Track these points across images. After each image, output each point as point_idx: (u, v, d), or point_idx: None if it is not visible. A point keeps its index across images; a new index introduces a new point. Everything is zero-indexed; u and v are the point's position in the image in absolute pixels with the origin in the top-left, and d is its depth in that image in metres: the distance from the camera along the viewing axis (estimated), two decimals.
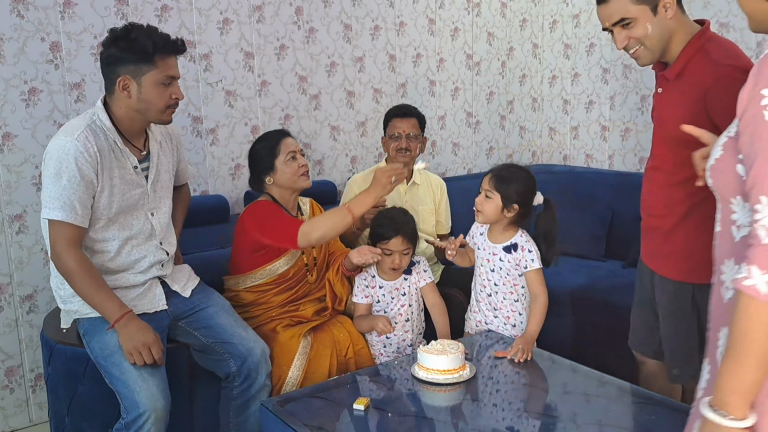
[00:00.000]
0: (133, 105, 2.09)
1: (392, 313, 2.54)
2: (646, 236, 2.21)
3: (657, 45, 1.90)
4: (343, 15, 3.58)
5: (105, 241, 2.14)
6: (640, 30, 1.88)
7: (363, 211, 2.33)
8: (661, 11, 1.86)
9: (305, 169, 2.51)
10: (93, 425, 2.24)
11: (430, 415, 1.98)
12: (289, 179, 2.49)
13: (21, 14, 2.69)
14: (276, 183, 2.51)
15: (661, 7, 1.85)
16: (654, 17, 1.86)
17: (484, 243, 2.48)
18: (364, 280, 2.55)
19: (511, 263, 2.41)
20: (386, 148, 3.04)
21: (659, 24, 1.86)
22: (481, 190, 2.40)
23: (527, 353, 2.23)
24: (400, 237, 2.44)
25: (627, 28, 1.89)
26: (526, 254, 2.39)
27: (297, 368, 2.36)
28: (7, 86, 2.69)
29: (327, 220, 2.34)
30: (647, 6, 1.86)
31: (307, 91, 3.51)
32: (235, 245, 2.56)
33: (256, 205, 2.49)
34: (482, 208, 2.38)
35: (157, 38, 2.06)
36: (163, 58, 2.07)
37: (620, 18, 1.88)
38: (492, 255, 2.45)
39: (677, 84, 1.92)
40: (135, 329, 2.03)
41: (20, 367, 2.86)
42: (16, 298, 2.81)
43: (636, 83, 3.89)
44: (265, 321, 2.49)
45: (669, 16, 1.86)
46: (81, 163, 2.01)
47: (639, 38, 1.89)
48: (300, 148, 2.55)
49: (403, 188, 3.02)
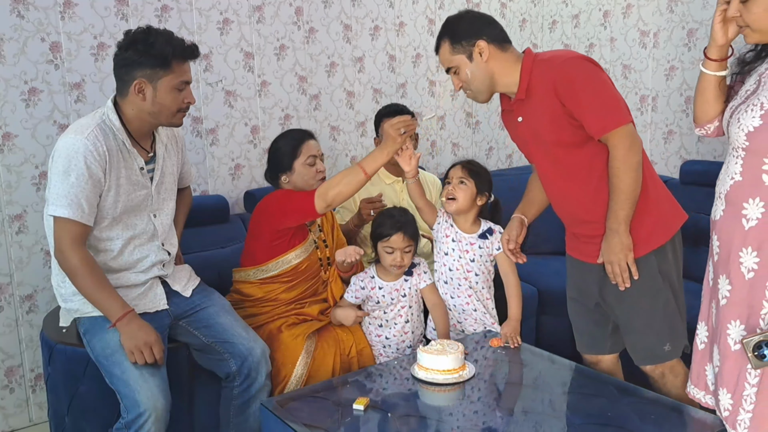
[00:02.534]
0: (147, 108, 2.11)
1: (392, 314, 2.54)
2: (580, 242, 2.20)
3: (481, 85, 2.12)
4: (343, 15, 3.58)
5: (108, 240, 2.15)
6: (463, 75, 2.12)
7: (376, 168, 2.34)
8: (476, 57, 2.08)
9: (322, 174, 2.54)
10: (93, 425, 2.24)
11: (430, 415, 1.99)
12: (305, 183, 2.51)
13: (21, 14, 2.70)
14: (291, 183, 2.53)
15: (476, 54, 2.07)
16: (471, 63, 2.09)
17: (458, 235, 2.53)
18: (361, 281, 2.55)
19: (485, 250, 2.51)
20: None
21: (477, 68, 2.09)
22: (451, 179, 2.47)
23: (516, 338, 2.37)
24: (401, 234, 2.45)
25: (455, 74, 2.15)
26: (498, 236, 2.50)
27: (301, 367, 2.37)
28: (7, 86, 2.70)
29: (341, 179, 2.36)
30: (463, 55, 2.09)
31: (307, 92, 3.51)
32: (251, 235, 2.57)
33: (272, 194, 2.53)
34: (457, 195, 2.45)
35: (175, 44, 2.08)
36: (179, 63, 2.10)
37: (447, 67, 2.15)
38: (470, 245, 2.51)
39: (531, 99, 2.08)
40: (136, 328, 2.04)
41: (20, 367, 2.86)
42: (16, 297, 2.82)
43: (635, 84, 3.89)
44: (271, 319, 2.50)
45: (485, 59, 2.07)
46: (90, 162, 2.02)
47: (465, 81, 2.13)
48: (321, 152, 2.57)
49: (399, 186, 3.03)
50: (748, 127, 1.69)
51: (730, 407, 1.77)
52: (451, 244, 2.53)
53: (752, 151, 1.70)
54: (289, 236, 2.49)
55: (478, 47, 2.07)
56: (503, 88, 2.14)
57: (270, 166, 2.60)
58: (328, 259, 2.64)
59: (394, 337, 2.53)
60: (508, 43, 2.13)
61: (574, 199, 2.13)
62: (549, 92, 2.01)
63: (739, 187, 1.74)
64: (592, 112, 1.96)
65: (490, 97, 2.18)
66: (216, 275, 2.72)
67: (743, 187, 1.73)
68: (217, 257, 2.85)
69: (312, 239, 2.59)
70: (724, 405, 1.79)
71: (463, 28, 2.09)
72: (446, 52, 2.13)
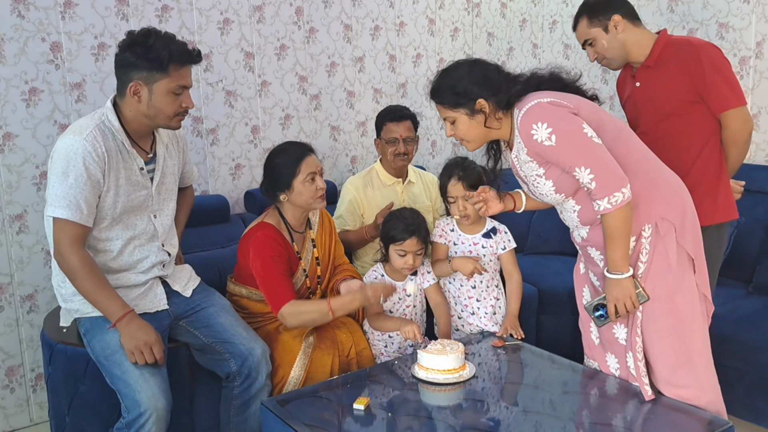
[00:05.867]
0: (143, 110, 2.10)
1: (397, 314, 2.55)
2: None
3: (615, 53, 2.41)
4: (343, 15, 3.59)
5: (108, 240, 2.15)
6: (599, 46, 2.41)
7: (342, 313, 2.35)
8: (611, 29, 2.37)
9: (322, 191, 2.42)
10: (93, 425, 2.24)
11: (431, 415, 1.99)
12: (305, 201, 2.42)
13: (21, 14, 2.70)
14: (290, 201, 2.43)
15: (612, 26, 2.37)
16: (607, 35, 2.38)
17: (460, 238, 2.56)
18: (374, 280, 2.56)
19: (489, 249, 2.54)
20: (381, 151, 3.04)
21: (613, 39, 2.38)
22: (456, 198, 2.50)
23: (519, 331, 2.42)
24: (414, 238, 2.44)
25: (591, 46, 2.43)
26: (503, 235, 2.56)
27: (299, 368, 2.36)
28: (7, 86, 2.70)
29: (308, 314, 2.32)
30: (600, 28, 2.39)
31: (307, 91, 3.51)
32: (240, 260, 2.51)
33: (258, 238, 2.39)
34: (469, 212, 2.48)
35: (174, 48, 2.06)
36: (177, 68, 2.08)
37: (584, 39, 2.43)
38: (473, 245, 2.54)
39: (658, 69, 2.37)
40: (136, 328, 2.04)
41: (21, 367, 2.86)
42: (16, 297, 2.82)
43: None
44: (269, 321, 2.49)
45: (620, 31, 2.37)
46: (89, 163, 2.02)
47: (601, 52, 2.42)
48: (321, 168, 2.45)
49: (399, 187, 3.03)
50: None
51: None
52: (452, 248, 2.57)
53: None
54: None
55: (614, 21, 2.35)
56: (633, 58, 2.40)
57: (268, 182, 2.47)
58: (319, 278, 2.57)
59: (398, 336, 2.53)
60: (638, 20, 2.41)
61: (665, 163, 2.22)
62: (680, 67, 2.30)
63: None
64: (717, 91, 2.27)
65: (622, 66, 2.47)
66: (216, 275, 2.72)
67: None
68: (217, 257, 2.85)
69: (302, 268, 2.51)
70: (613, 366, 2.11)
71: (600, 5, 2.38)
72: (584, 27, 2.41)
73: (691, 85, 2.29)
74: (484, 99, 1.98)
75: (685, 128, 2.33)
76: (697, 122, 2.32)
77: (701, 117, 2.31)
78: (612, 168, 1.88)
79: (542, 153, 1.94)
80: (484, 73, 2.02)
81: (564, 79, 2.07)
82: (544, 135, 1.89)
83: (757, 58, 3.22)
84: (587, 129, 1.90)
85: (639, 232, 1.98)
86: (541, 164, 1.98)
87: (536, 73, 2.06)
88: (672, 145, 2.33)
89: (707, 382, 2.01)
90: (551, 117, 1.90)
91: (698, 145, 2.33)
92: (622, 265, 1.94)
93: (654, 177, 2.01)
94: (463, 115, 2.02)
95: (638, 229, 1.97)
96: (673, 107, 2.34)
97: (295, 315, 2.30)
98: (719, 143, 2.34)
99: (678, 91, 2.31)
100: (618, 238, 1.91)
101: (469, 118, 2.02)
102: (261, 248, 2.36)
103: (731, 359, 2.61)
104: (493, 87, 1.99)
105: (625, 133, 2.04)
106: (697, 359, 2.00)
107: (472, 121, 2.02)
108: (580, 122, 1.91)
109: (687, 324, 1.98)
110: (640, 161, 2.01)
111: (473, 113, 2.00)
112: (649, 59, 2.37)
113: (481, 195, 2.26)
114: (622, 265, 1.94)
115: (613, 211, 1.88)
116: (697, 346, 2.00)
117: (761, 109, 3.24)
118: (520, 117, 1.95)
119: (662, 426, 1.87)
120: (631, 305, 1.95)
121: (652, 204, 1.97)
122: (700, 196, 2.22)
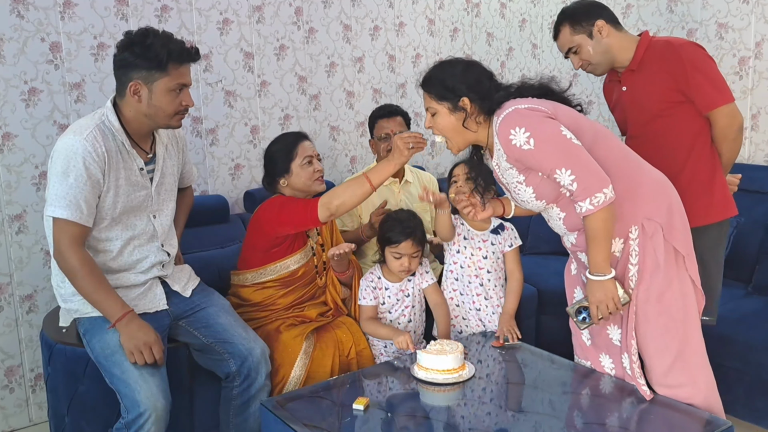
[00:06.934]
0: (143, 110, 2.10)
1: (396, 314, 2.55)
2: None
3: (601, 59, 2.39)
4: (342, 15, 3.59)
5: (108, 240, 2.15)
6: (584, 53, 2.38)
7: (381, 180, 2.34)
8: (596, 35, 2.35)
9: (320, 173, 2.53)
10: (93, 425, 2.24)
11: (430, 415, 1.99)
12: (304, 183, 2.50)
13: (21, 14, 2.70)
14: (290, 186, 2.52)
15: (596, 32, 2.35)
16: (591, 40, 2.36)
17: (469, 233, 2.55)
18: (371, 282, 2.55)
19: (498, 246, 2.55)
20: (375, 150, 3.05)
21: (598, 44, 2.36)
22: (459, 176, 2.52)
23: (515, 331, 2.40)
24: (410, 240, 2.44)
25: (576, 54, 2.40)
26: (510, 232, 2.57)
27: (300, 368, 2.36)
28: (7, 86, 2.70)
29: (346, 188, 2.36)
30: (584, 34, 2.36)
31: (307, 92, 3.51)
32: (248, 241, 2.56)
33: (271, 200, 2.52)
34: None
35: (172, 47, 2.07)
36: (176, 66, 2.09)
37: (568, 48, 2.41)
38: (482, 242, 2.54)
39: (642, 71, 2.36)
40: (136, 328, 2.04)
41: (20, 367, 2.86)
42: (16, 297, 2.82)
43: None
44: (269, 321, 2.50)
45: (605, 36, 2.35)
46: (89, 163, 2.02)
47: (586, 59, 2.40)
48: (317, 153, 2.55)
49: (396, 187, 3.03)
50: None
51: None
52: (462, 242, 2.55)
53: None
54: (288, 242, 2.48)
55: (598, 26, 2.34)
56: (618, 62, 2.40)
57: (267, 171, 2.58)
58: (324, 264, 2.64)
59: None
60: (620, 24, 2.41)
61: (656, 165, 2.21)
62: (662, 69, 2.30)
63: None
64: (701, 90, 2.26)
65: (606, 71, 2.46)
66: (216, 275, 2.72)
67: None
68: (217, 257, 2.85)
69: (311, 245, 2.58)
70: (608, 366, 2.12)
71: (582, 12, 2.37)
72: (567, 35, 2.39)
73: (675, 86, 2.29)
74: (469, 99, 2.02)
75: (673, 129, 2.33)
76: (685, 122, 2.32)
77: (688, 116, 2.31)
78: (593, 168, 1.87)
79: (522, 158, 1.94)
80: (477, 77, 2.05)
81: (554, 89, 2.08)
82: (522, 139, 1.89)
83: (756, 59, 3.22)
84: (565, 131, 1.90)
85: (626, 234, 1.98)
86: (521, 171, 1.99)
87: (525, 83, 2.08)
88: (662, 146, 2.33)
89: (702, 379, 2.01)
90: (528, 121, 1.91)
91: (688, 144, 2.32)
92: (605, 266, 1.93)
93: (637, 177, 2.01)
94: (444, 109, 2.06)
95: (625, 231, 1.97)
96: (660, 108, 2.34)
97: (333, 195, 2.35)
98: (710, 141, 2.34)
99: (662, 92, 2.31)
100: (600, 240, 1.91)
101: (449, 113, 2.06)
102: (275, 200, 2.50)
103: (731, 359, 2.62)
104: (481, 92, 2.03)
105: (603, 134, 2.03)
106: (691, 356, 2.00)
107: (452, 117, 2.06)
108: (557, 125, 1.91)
109: (679, 322, 1.98)
110: (621, 162, 2.01)
111: (455, 109, 2.05)
112: (632, 63, 2.37)
113: (470, 199, 2.32)
114: (605, 267, 1.93)
115: (595, 212, 1.87)
116: (691, 342, 2.00)
117: (761, 109, 3.24)
118: (498, 123, 1.97)
119: (663, 426, 1.87)
120: (614, 306, 1.95)
121: (637, 204, 1.98)
122: (695, 195, 2.23)
